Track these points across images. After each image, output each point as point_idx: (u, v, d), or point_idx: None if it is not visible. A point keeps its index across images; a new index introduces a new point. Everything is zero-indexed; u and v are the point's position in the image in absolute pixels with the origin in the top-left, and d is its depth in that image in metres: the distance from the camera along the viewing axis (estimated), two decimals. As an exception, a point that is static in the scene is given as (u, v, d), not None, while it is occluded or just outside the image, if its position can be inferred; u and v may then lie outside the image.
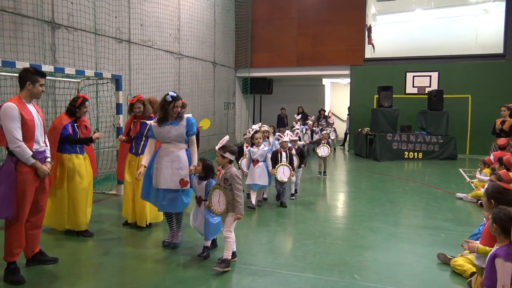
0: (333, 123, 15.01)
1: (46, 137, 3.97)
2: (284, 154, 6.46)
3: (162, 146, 4.44)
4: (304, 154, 7.24)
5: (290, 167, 6.36)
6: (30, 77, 3.71)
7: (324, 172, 9.28)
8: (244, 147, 6.82)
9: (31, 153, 3.64)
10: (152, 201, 4.61)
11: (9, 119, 3.54)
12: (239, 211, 3.91)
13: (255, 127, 6.57)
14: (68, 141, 4.86)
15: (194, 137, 4.55)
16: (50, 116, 7.52)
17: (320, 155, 9.04)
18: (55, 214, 4.90)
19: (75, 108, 4.95)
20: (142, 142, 5.29)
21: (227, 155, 3.99)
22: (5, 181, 3.56)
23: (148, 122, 5.27)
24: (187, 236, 4.89)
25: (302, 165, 7.16)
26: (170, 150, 4.39)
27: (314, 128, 12.94)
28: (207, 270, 3.97)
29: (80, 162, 4.94)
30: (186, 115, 4.47)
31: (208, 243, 4.36)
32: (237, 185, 3.90)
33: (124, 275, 3.86)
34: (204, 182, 4.28)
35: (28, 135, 3.65)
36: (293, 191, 7.22)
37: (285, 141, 6.54)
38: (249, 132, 6.56)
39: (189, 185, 4.43)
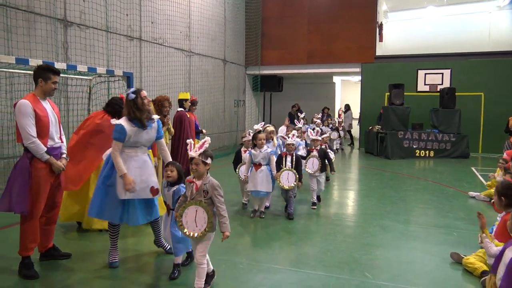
0: (342, 122, 14.76)
1: (61, 133, 4.01)
2: (289, 158, 5.64)
3: (126, 151, 3.84)
4: (328, 156, 6.31)
5: (295, 172, 5.53)
6: (42, 74, 3.76)
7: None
8: (242, 152, 6.13)
9: (45, 149, 3.69)
10: (108, 217, 3.92)
11: (23, 116, 3.59)
12: (227, 229, 3.22)
13: (257, 127, 5.83)
14: None
15: (163, 140, 4.16)
16: (63, 114, 7.59)
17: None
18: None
19: (121, 108, 4.91)
20: None
21: (209, 161, 3.30)
22: (21, 177, 3.62)
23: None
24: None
25: (332, 171, 6.38)
26: (137, 155, 3.90)
27: (322, 128, 11.38)
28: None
29: None
30: (155, 116, 4.06)
31: (179, 260, 3.76)
32: (220, 198, 3.22)
33: (138, 272, 3.89)
34: (172, 189, 3.65)
35: (42, 132, 3.69)
36: (315, 200, 6.31)
37: (290, 144, 5.64)
38: (248, 135, 5.89)
39: (160, 192, 4.03)
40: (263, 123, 6.22)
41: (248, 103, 17.02)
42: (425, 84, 14.20)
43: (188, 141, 3.33)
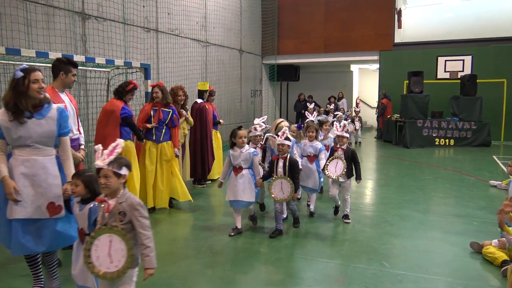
0: (359, 111, 13.55)
1: (79, 125, 4.09)
2: (281, 162, 4.48)
3: (15, 152, 2.93)
4: (356, 159, 4.95)
5: (289, 180, 4.37)
6: (63, 67, 3.83)
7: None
8: (258, 149, 5.00)
9: None
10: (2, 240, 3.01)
11: None
12: (150, 264, 2.36)
13: (258, 121, 5.01)
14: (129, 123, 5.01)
15: (67, 138, 3.12)
16: (82, 105, 7.72)
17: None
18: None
19: (125, 91, 5.05)
20: (164, 130, 5.46)
21: (125, 171, 2.40)
22: None
23: (169, 110, 5.43)
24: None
25: (358, 180, 4.92)
26: (30, 158, 2.92)
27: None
28: None
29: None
30: (56, 105, 3.11)
31: None
32: (142, 221, 2.34)
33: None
34: (87, 207, 2.60)
35: None
36: (347, 211, 5.09)
37: (280, 144, 4.45)
38: (254, 129, 4.94)
39: (63, 211, 2.98)
40: (265, 117, 5.45)
41: (265, 93, 16.98)
42: (445, 71, 13.89)
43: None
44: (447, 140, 12.33)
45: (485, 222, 5.08)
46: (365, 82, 20.68)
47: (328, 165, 4.94)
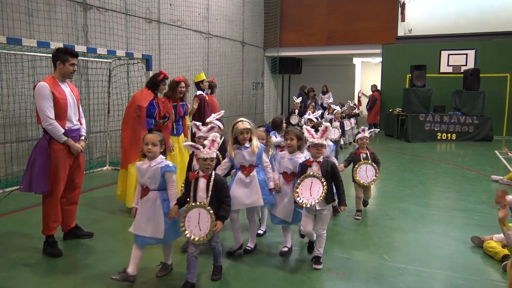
0: (354, 107, 12.31)
1: (81, 115, 4.06)
2: (202, 182, 3.15)
3: None
4: (338, 175, 3.67)
5: (210, 211, 3.08)
6: (60, 56, 3.79)
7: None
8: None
9: (63, 130, 3.75)
10: None
11: (42, 98, 3.65)
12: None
13: (212, 119, 4.06)
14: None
15: None
16: (83, 96, 7.70)
17: (359, 180, 4.93)
18: None
19: (158, 81, 5.09)
20: (181, 123, 5.59)
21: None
22: (40, 158, 3.69)
23: (182, 103, 5.50)
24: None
25: (341, 207, 3.71)
26: None
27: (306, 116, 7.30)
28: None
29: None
30: None
31: None
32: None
33: (156, 250, 3.95)
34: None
35: (60, 114, 3.75)
36: (320, 253, 3.61)
37: (207, 157, 3.13)
38: (197, 128, 3.97)
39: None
40: (222, 112, 4.37)
41: (267, 85, 16.92)
42: (448, 65, 13.84)
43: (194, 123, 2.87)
44: (449, 135, 12.30)
45: (486, 216, 5.07)
46: (368, 76, 20.61)
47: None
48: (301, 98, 11.30)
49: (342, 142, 9.68)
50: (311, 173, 3.50)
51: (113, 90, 8.04)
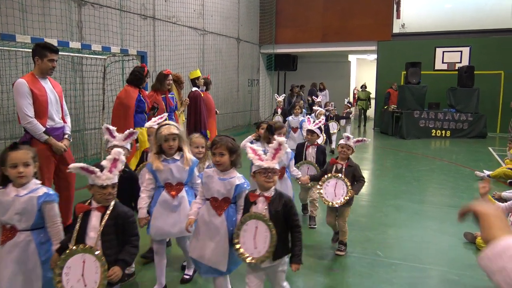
0: (350, 106, 10.69)
1: (65, 113, 3.90)
2: (95, 217, 2.32)
3: None
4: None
5: (100, 259, 2.23)
6: (38, 51, 3.64)
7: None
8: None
9: (43, 129, 3.60)
10: None
11: (20, 96, 3.51)
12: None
13: (150, 124, 3.69)
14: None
15: None
16: (78, 93, 7.67)
17: (323, 197, 3.74)
18: None
19: (143, 76, 4.98)
20: (173, 117, 5.56)
21: None
22: None
23: (171, 95, 5.45)
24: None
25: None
26: None
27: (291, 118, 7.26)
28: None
29: None
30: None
31: None
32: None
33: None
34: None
35: (40, 111, 3.60)
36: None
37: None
38: (112, 136, 3.14)
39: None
40: (165, 115, 3.90)
41: (262, 82, 16.92)
42: (443, 62, 13.90)
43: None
44: (443, 132, 12.37)
45: (480, 213, 5.10)
46: (363, 73, 20.65)
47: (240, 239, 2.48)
48: (284, 95, 10.51)
49: (333, 146, 8.59)
50: (253, 213, 2.41)
51: (108, 87, 8.00)
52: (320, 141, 6.82)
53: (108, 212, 2.23)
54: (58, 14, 7.26)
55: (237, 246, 2.42)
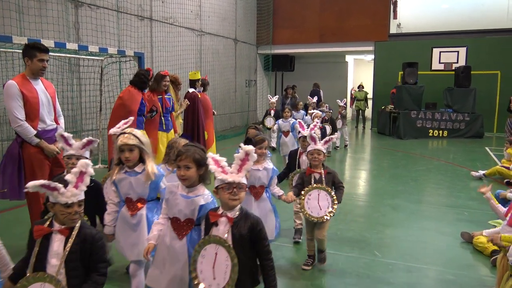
0: (345, 106, 10.17)
1: (58, 115, 3.81)
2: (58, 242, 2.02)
3: None
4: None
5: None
6: (28, 52, 3.54)
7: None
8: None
9: (34, 132, 3.50)
10: None
11: (9, 98, 3.41)
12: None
13: (116, 129, 3.06)
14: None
15: None
16: (75, 94, 7.66)
17: (309, 215, 3.37)
18: None
19: (148, 80, 5.00)
20: (170, 118, 5.46)
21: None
22: (11, 163, 3.50)
23: (168, 96, 5.45)
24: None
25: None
26: None
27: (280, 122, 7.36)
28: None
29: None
30: None
31: None
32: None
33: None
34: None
35: (32, 114, 3.50)
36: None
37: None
38: (67, 144, 2.84)
39: None
40: (131, 119, 3.33)
41: (260, 83, 16.92)
42: (439, 63, 13.92)
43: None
44: (440, 132, 12.39)
45: (476, 212, 5.12)
46: (360, 73, 20.66)
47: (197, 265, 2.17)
48: (277, 96, 10.14)
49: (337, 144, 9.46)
50: (213, 236, 2.06)
51: (105, 88, 8.00)
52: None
53: (74, 234, 1.91)
54: (55, 15, 7.25)
55: (193, 274, 2.06)
